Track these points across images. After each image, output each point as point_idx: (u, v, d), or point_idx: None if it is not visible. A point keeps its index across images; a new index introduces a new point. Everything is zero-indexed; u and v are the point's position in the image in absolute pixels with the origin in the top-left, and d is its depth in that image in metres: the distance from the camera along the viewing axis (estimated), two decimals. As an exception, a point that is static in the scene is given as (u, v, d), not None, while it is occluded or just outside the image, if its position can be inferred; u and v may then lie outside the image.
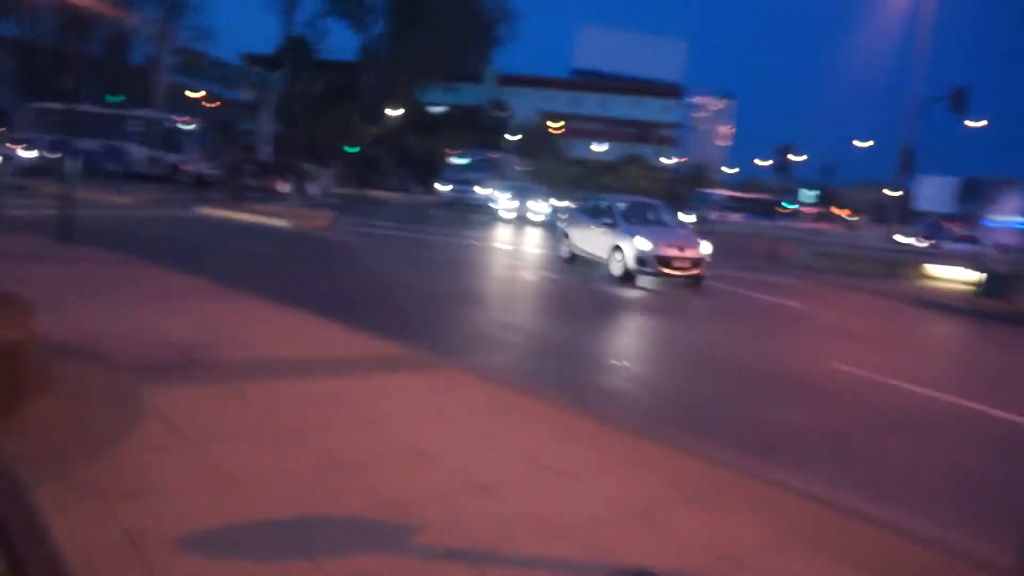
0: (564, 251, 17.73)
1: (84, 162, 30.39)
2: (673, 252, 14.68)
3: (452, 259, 17.28)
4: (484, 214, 34.63)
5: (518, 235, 25.97)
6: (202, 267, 10.84)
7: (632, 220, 15.84)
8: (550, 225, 31.41)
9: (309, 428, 4.61)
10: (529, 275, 15.84)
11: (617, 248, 14.99)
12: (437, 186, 39.99)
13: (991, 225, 48.66)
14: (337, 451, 4.28)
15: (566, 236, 17.74)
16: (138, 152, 33.21)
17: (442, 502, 3.76)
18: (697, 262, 14.89)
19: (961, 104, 27.17)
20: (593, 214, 16.85)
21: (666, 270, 14.60)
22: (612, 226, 15.44)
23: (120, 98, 25.73)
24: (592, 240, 16.22)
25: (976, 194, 70.75)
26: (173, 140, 33.13)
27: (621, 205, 16.66)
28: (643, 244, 14.60)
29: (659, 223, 16.44)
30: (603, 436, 5.09)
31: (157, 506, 3.42)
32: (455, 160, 40.81)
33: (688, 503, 4.10)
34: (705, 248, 15.08)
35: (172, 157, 32.69)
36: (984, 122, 39.37)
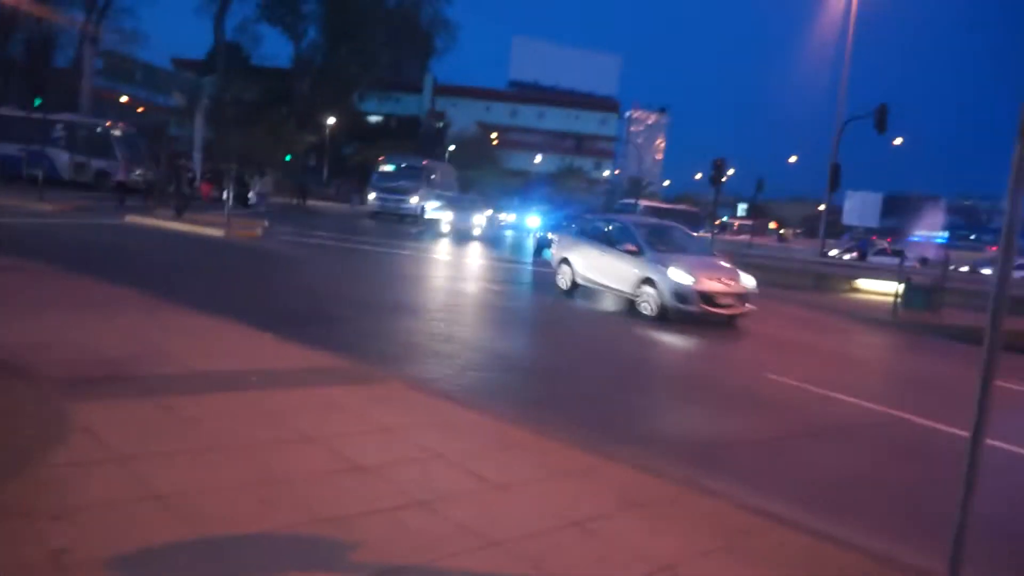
0: (563, 280, 15.15)
1: (5, 168, 29.29)
2: (718, 286, 12.54)
3: (402, 273, 17.14)
4: (417, 225, 33.59)
5: (461, 248, 25.85)
6: (131, 277, 10.50)
7: (658, 246, 13.53)
8: (495, 240, 31.21)
9: (242, 443, 4.50)
10: (533, 305, 14.46)
11: (647, 281, 12.67)
12: (372, 195, 37.64)
13: (916, 240, 50.77)
14: (271, 467, 4.18)
15: (564, 262, 15.17)
16: (62, 157, 32.05)
17: (380, 517, 3.70)
18: (743, 297, 12.88)
19: (883, 122, 28.23)
20: (603, 238, 14.44)
21: (712, 308, 12.42)
22: (637, 254, 13.08)
23: (38, 101, 24.69)
24: (607, 269, 13.85)
25: (899, 209, 73.65)
26: (99, 145, 32.09)
27: (642, 228, 14.25)
28: (682, 277, 12.28)
29: (687, 249, 14.10)
30: (542, 447, 5.09)
31: (83, 525, 3.27)
32: (383, 167, 37.89)
33: (626, 513, 4.13)
34: (749, 281, 13.18)
35: (98, 163, 31.66)
36: (899, 139, 41.03)
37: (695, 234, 20.66)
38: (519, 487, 4.33)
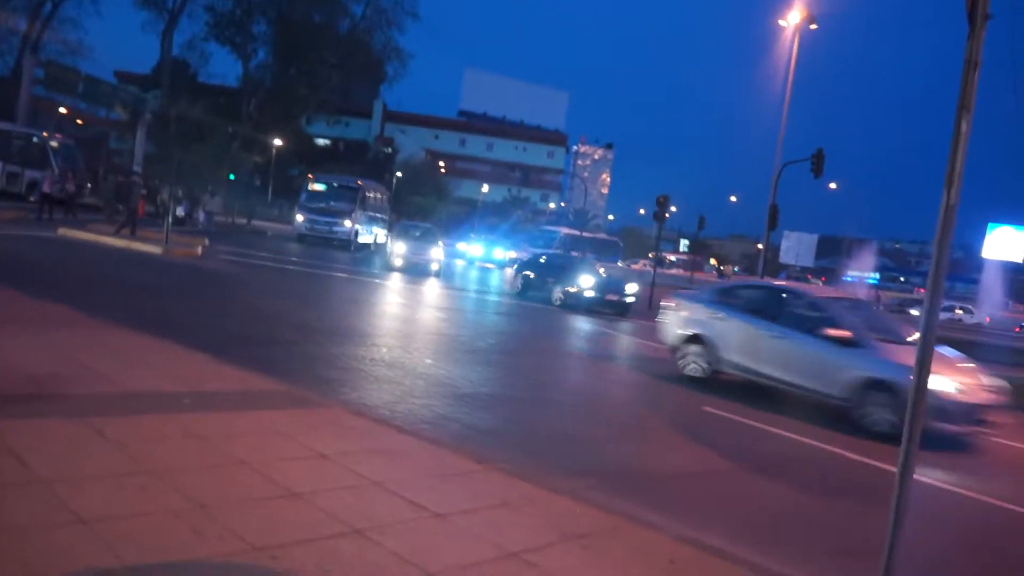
0: (694, 363, 11.30)
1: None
2: (985, 395, 8.97)
3: (353, 299, 16.94)
4: (350, 251, 31.93)
5: (416, 282, 24.98)
6: (62, 293, 10.17)
7: (875, 328, 10.04)
8: (460, 276, 29.67)
9: (172, 467, 4.35)
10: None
11: (876, 386, 8.95)
12: (299, 217, 33.08)
13: (849, 280, 52.49)
14: (202, 492, 4.06)
15: (694, 340, 11.36)
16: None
17: (314, 546, 3.62)
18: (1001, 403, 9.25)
19: (820, 166, 29.18)
20: (766, 310, 10.90)
21: (982, 428, 8.99)
22: (850, 344, 9.37)
23: None
24: (781, 355, 10.22)
25: (833, 250, 76.05)
26: (34, 156, 31.11)
27: (841, 305, 10.72)
28: (944, 384, 8.47)
29: (891, 330, 10.55)
30: (482, 476, 5.06)
31: (1, 551, 3.13)
32: (313, 186, 33.93)
33: (564, 544, 4.12)
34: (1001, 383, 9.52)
35: (32, 174, 30.68)
36: (834, 184, 42.51)
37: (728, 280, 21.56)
38: (457, 516, 4.28)
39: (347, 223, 32.57)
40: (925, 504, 6.06)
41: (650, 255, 76.50)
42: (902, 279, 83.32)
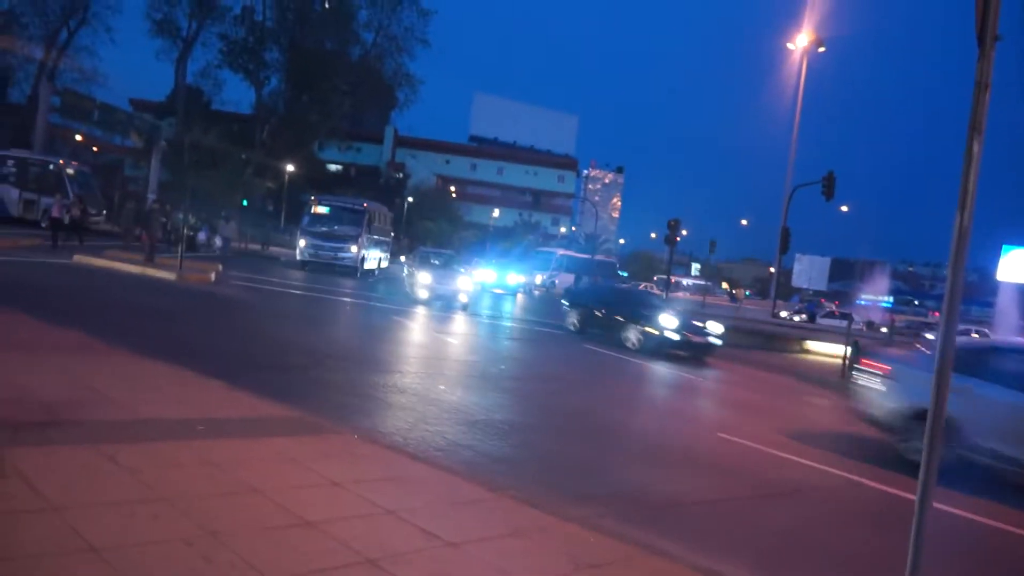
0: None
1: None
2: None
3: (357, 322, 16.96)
4: (359, 277, 30.06)
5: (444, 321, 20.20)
6: (75, 319, 10.22)
7: None
8: (496, 307, 26.69)
9: (184, 494, 4.34)
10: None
11: None
12: (302, 242, 30.62)
13: (863, 304, 52.19)
14: (215, 520, 4.04)
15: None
16: (11, 194, 31.34)
17: None
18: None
19: (831, 189, 29.19)
20: None
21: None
22: None
23: None
24: None
25: (845, 273, 75.69)
26: (50, 183, 31.48)
27: None
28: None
29: None
30: (495, 504, 5.03)
31: (9, 582, 3.12)
32: (316, 208, 31.54)
33: (580, 573, 4.08)
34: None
35: (48, 201, 31.03)
36: (846, 207, 42.41)
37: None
38: (471, 545, 4.25)
39: (353, 248, 30.50)
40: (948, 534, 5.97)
41: (655, 277, 76.35)
42: (916, 302, 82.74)
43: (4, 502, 3.86)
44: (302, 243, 30.42)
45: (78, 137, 51.74)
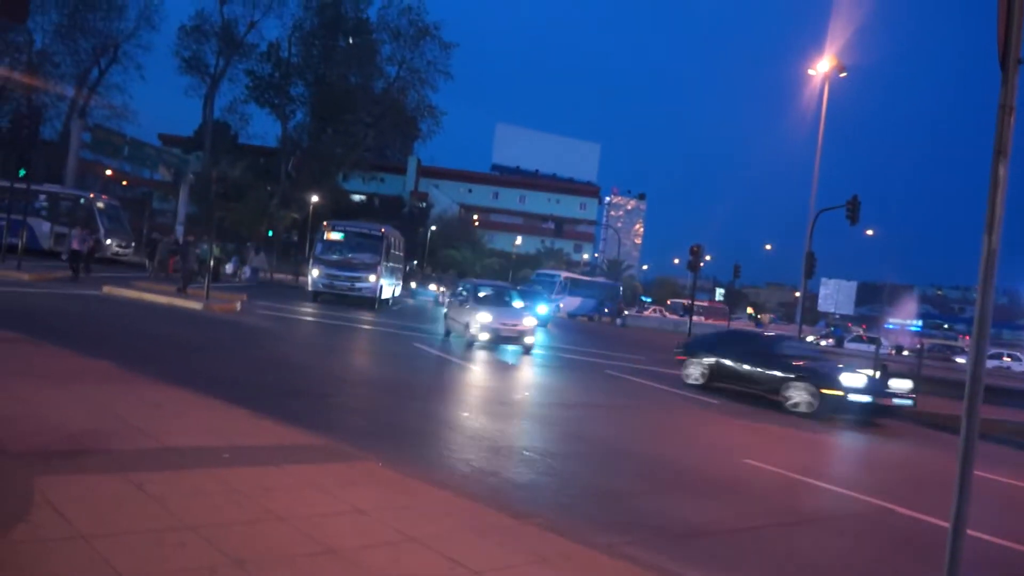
0: None
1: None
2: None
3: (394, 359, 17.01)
4: (376, 308, 28.03)
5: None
6: (104, 349, 10.36)
7: None
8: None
9: (211, 522, 4.36)
10: None
11: None
12: (315, 271, 28.41)
13: (891, 327, 51.55)
14: (240, 548, 4.05)
15: None
16: (43, 228, 32.00)
17: (352, 603, 3.58)
18: None
19: (856, 213, 28.97)
20: None
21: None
22: None
23: (22, 172, 24.75)
24: None
25: (873, 297, 74.84)
26: (81, 216, 32.13)
27: None
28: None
29: None
30: (519, 531, 4.99)
31: (38, 609, 3.14)
32: (330, 235, 28.92)
33: (605, 603, 4.03)
34: None
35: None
36: (871, 231, 42.05)
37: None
38: (495, 574, 4.21)
39: (372, 278, 27.95)
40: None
41: (668, 301, 75.54)
42: (946, 326, 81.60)
43: (34, 530, 3.90)
44: (315, 272, 28.27)
45: (108, 172, 52.88)
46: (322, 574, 3.88)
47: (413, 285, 47.27)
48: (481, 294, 20.38)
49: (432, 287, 46.74)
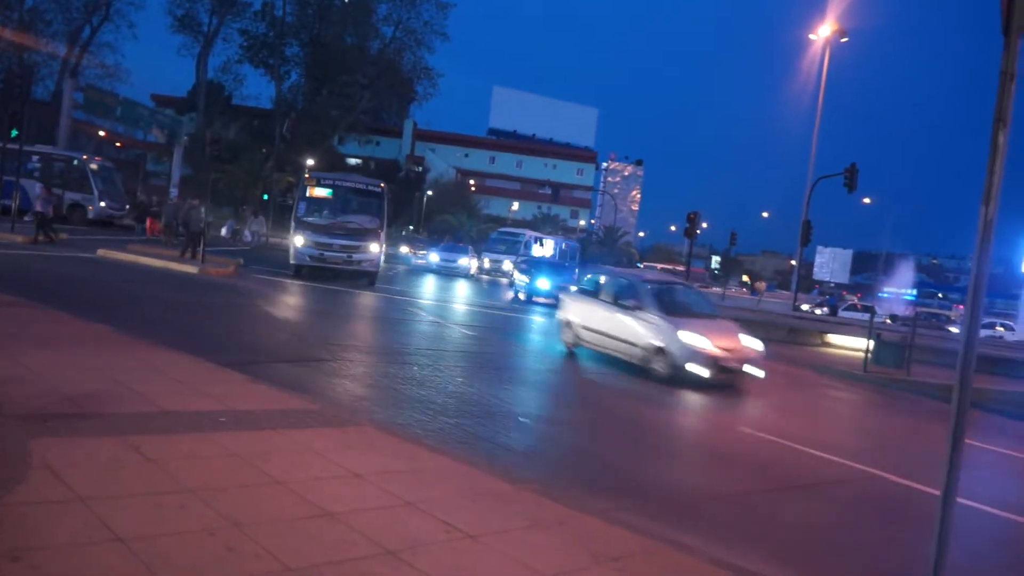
0: None
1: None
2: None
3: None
4: (372, 287, 22.53)
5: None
6: (100, 312, 10.35)
7: None
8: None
9: (208, 486, 4.40)
10: None
11: None
12: (298, 239, 22.28)
13: (886, 296, 51.69)
14: (238, 511, 4.09)
15: None
16: (35, 189, 31.73)
17: (348, 568, 3.62)
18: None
19: (853, 181, 28.88)
20: None
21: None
22: None
23: (14, 133, 24.40)
24: None
25: (868, 266, 75.00)
26: (74, 178, 31.85)
27: None
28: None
29: None
30: (515, 497, 5.04)
31: (41, 567, 3.17)
32: (315, 190, 23.26)
33: (598, 567, 4.08)
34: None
35: (72, 196, 31.41)
36: (868, 199, 42.02)
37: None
38: (490, 537, 4.26)
39: (374, 247, 22.52)
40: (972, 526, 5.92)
41: (641, 265, 75.16)
42: (940, 295, 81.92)
43: (33, 493, 3.93)
44: (298, 241, 22.14)
45: (101, 133, 52.33)
46: (319, 536, 3.92)
47: (406, 251, 47.05)
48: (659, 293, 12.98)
49: (505, 264, 38.14)
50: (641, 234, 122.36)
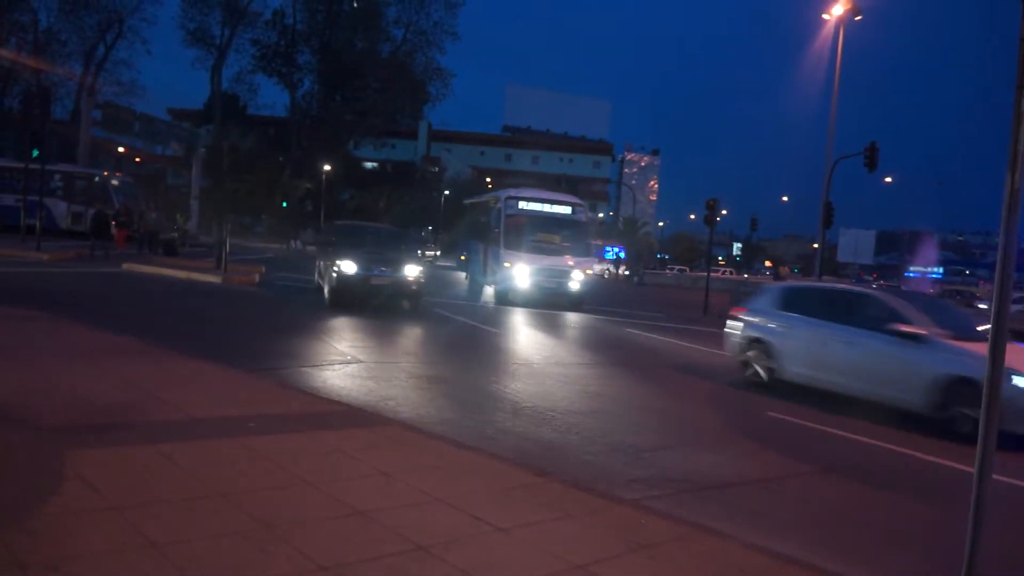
0: None
1: (3, 218, 29.36)
2: None
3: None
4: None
5: None
6: (126, 324, 10.47)
7: None
8: None
9: (239, 489, 4.43)
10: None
11: None
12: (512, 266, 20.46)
13: (912, 276, 51.03)
14: (269, 513, 4.11)
15: None
16: (59, 207, 32.22)
17: (380, 565, 3.64)
18: None
19: (874, 161, 28.49)
20: None
21: None
22: None
23: (36, 152, 24.78)
24: None
25: (892, 246, 74.12)
26: (96, 194, 32.28)
27: None
28: None
29: None
30: (543, 489, 5.03)
31: (75, 578, 3.21)
32: (515, 212, 21.27)
33: (631, 555, 4.06)
34: None
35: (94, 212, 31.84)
36: (889, 178, 41.49)
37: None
38: (521, 530, 4.26)
39: (578, 276, 20.84)
40: (1005, 504, 5.83)
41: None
42: (967, 272, 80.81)
43: (67, 504, 3.98)
44: (516, 271, 19.83)
45: (120, 149, 52.99)
46: (350, 535, 3.93)
47: (434, 254, 46.74)
48: None
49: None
50: (661, 224, 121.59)
